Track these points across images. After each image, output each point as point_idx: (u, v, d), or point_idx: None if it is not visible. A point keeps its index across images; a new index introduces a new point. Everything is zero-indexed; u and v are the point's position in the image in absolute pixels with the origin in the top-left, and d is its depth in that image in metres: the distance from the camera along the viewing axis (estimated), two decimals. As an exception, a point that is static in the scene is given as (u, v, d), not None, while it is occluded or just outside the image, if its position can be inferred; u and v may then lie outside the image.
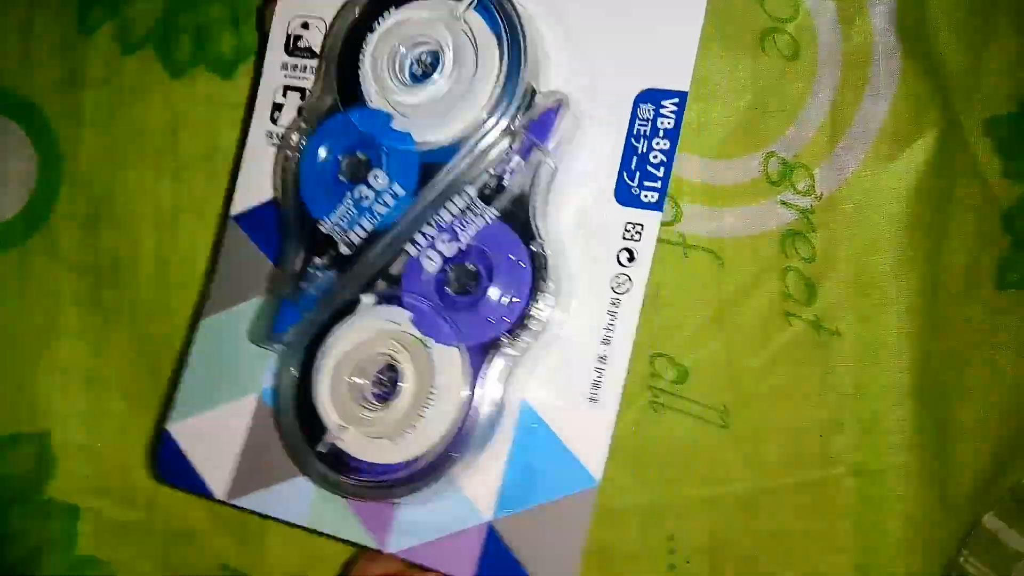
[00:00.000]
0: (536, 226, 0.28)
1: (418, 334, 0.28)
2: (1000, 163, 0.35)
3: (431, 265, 0.28)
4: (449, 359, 0.28)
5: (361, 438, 0.28)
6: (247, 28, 0.36)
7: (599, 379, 0.28)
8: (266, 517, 0.31)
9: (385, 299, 0.29)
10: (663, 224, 0.33)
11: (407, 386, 0.28)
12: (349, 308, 0.29)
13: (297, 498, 0.30)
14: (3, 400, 0.33)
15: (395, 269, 0.29)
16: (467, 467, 0.28)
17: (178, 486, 0.31)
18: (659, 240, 0.33)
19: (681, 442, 0.34)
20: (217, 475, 0.30)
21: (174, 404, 0.30)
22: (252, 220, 0.31)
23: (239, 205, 0.31)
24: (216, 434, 0.30)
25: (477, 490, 0.28)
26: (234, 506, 0.31)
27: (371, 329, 0.28)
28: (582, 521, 0.28)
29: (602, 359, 0.28)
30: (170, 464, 0.30)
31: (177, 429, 0.30)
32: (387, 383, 0.29)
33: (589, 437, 0.28)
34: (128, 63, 0.36)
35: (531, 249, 0.28)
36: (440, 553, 0.28)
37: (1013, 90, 0.35)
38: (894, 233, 0.33)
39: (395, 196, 0.29)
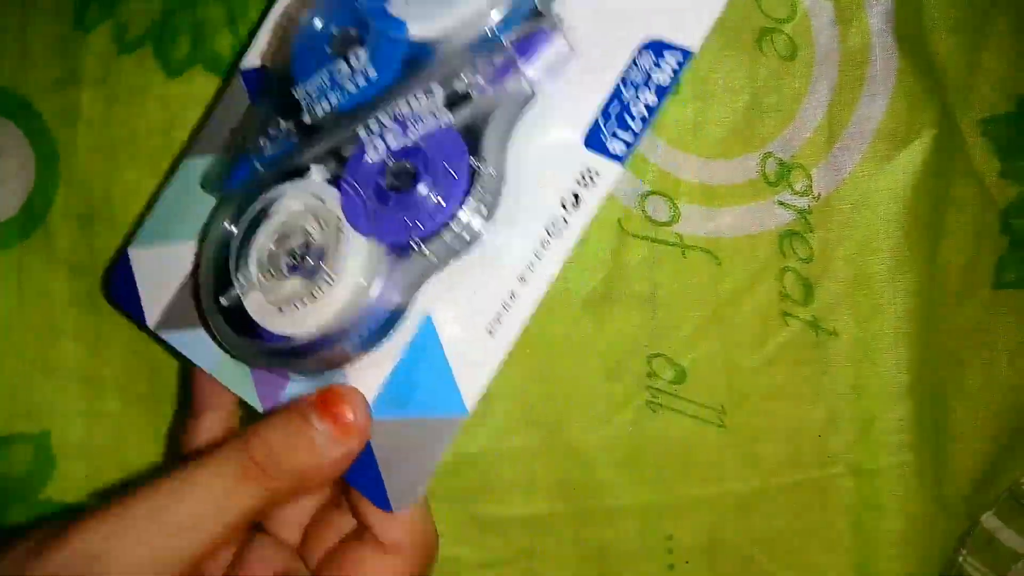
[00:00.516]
0: (485, 145, 0.27)
1: (341, 216, 0.28)
2: (997, 163, 0.35)
3: (374, 154, 0.28)
4: (358, 248, 0.27)
5: (262, 303, 0.28)
6: (244, 27, 0.36)
7: (502, 314, 0.27)
8: (179, 356, 0.31)
9: (333, 177, 0.29)
10: (660, 224, 0.34)
11: (311, 263, 0.28)
12: (297, 174, 0.29)
13: (211, 347, 0.29)
14: (1, 400, 0.33)
15: (348, 152, 0.29)
16: (358, 361, 0.28)
17: (121, 308, 0.31)
18: (656, 240, 0.33)
19: (679, 442, 0.34)
20: (153, 307, 0.30)
21: (140, 230, 0.30)
22: (254, 77, 0.31)
23: (249, 60, 0.31)
24: (164, 268, 0.30)
25: (360, 385, 0.28)
26: (157, 338, 0.31)
27: (302, 201, 0.28)
28: (441, 445, 0.27)
29: (512, 296, 0.27)
30: (120, 287, 0.30)
31: (135, 254, 0.30)
32: (299, 257, 0.28)
33: (474, 368, 0.27)
34: (125, 62, 0.36)
35: (470, 165, 0.27)
36: None
37: (1010, 90, 0.35)
38: (891, 233, 0.33)
39: (367, 78, 0.28)
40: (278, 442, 0.24)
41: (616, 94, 0.27)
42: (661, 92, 0.27)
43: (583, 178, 0.27)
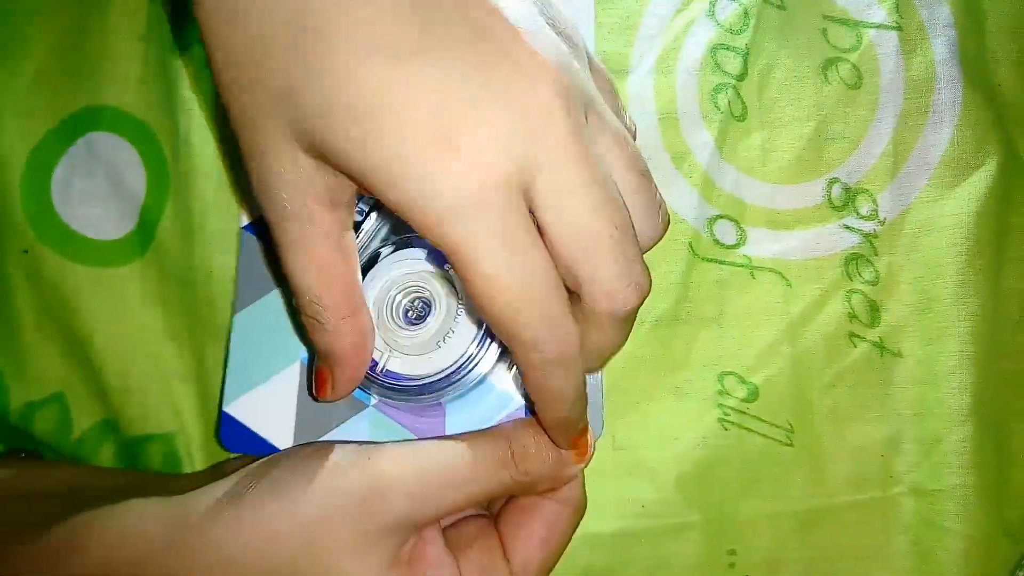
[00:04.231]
0: None
1: (455, 281, 0.31)
2: None
3: None
4: (472, 315, 0.31)
5: (402, 358, 0.31)
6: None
7: None
8: None
9: (399, 245, 0.32)
10: (728, 247, 0.34)
11: (441, 303, 0.31)
12: (372, 262, 0.32)
13: (354, 437, 0.32)
14: (134, 403, 0.35)
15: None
16: (499, 366, 0.31)
17: (246, 452, 0.33)
18: (725, 263, 0.34)
19: (748, 459, 0.34)
20: (280, 435, 0.32)
21: (225, 389, 0.32)
22: (262, 225, 0.33)
23: (245, 218, 0.34)
24: (272, 402, 0.32)
25: (510, 385, 0.32)
26: None
27: (396, 271, 0.31)
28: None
29: None
30: (234, 437, 0.32)
31: (234, 408, 0.32)
32: (416, 311, 0.32)
33: None
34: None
35: None
36: None
37: (1071, 119, 0.36)
38: (956, 258, 0.34)
39: None
40: (532, 447, 0.28)
41: None
42: None
43: None
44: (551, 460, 0.28)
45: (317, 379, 0.28)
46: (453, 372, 0.30)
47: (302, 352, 0.32)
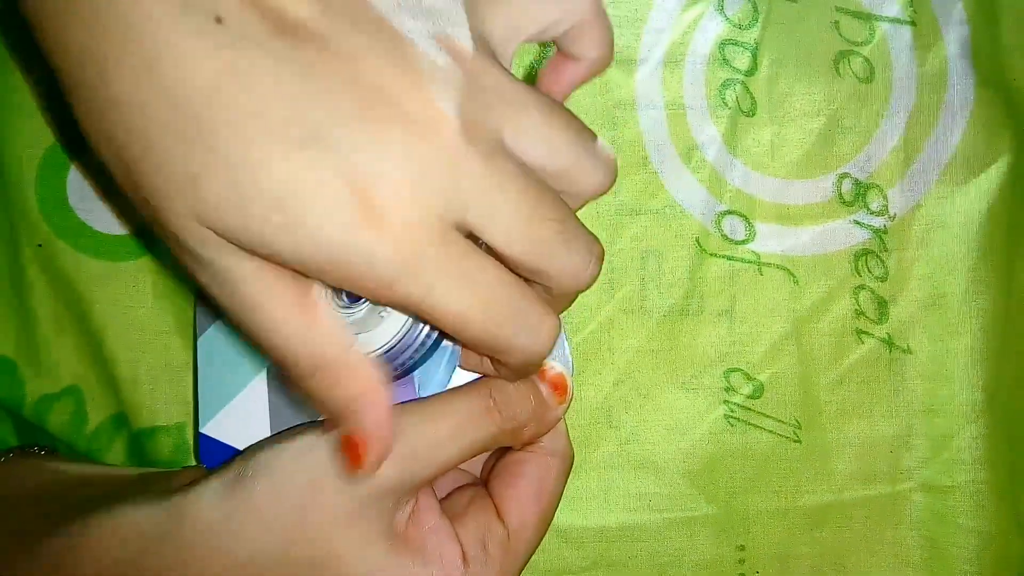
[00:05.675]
0: None
1: None
2: None
3: None
4: None
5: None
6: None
7: None
8: None
9: None
10: (736, 243, 0.34)
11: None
12: None
13: None
14: (146, 394, 0.35)
15: None
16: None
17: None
18: (733, 259, 0.34)
19: (755, 456, 0.34)
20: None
21: (199, 411, 0.33)
22: None
23: None
24: (245, 415, 0.32)
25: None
26: None
27: None
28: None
29: None
30: (214, 456, 0.32)
31: (210, 428, 0.32)
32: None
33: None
34: None
35: None
36: None
37: (1087, 115, 0.35)
38: (967, 254, 0.34)
39: None
40: (512, 391, 0.28)
41: None
42: None
43: None
44: (533, 401, 0.29)
45: (344, 452, 0.25)
46: (406, 335, 0.30)
47: (266, 360, 0.33)
